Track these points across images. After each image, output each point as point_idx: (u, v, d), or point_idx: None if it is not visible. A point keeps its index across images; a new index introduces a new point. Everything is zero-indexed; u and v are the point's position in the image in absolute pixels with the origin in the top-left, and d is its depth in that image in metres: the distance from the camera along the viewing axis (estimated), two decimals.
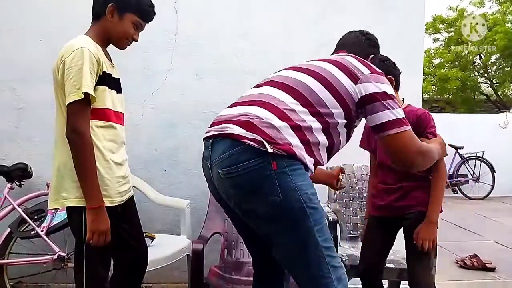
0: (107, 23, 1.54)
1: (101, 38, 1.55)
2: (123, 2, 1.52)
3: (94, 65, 1.42)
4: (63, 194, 1.46)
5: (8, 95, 2.69)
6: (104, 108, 1.50)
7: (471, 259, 3.46)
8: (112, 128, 1.54)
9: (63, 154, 1.46)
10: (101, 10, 1.54)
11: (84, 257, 1.50)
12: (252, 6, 2.79)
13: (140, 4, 1.54)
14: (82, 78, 1.38)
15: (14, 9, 2.67)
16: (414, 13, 2.88)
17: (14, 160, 2.59)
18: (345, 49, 1.61)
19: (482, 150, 6.88)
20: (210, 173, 1.33)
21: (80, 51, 1.40)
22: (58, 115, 1.50)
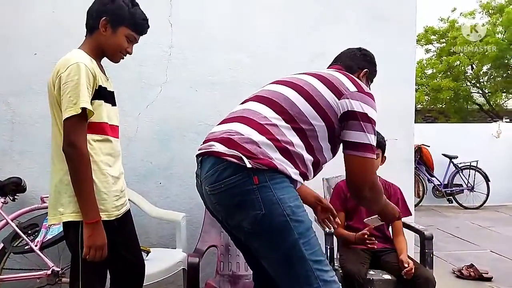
0: (100, 37, 1.54)
1: (95, 51, 1.55)
2: (116, 15, 1.52)
3: (90, 79, 1.43)
4: (60, 210, 1.46)
5: (2, 109, 2.68)
6: (101, 122, 1.50)
7: (467, 269, 3.46)
8: (108, 141, 1.54)
9: (59, 170, 1.46)
10: (94, 23, 1.54)
11: (80, 272, 1.48)
12: (246, 19, 2.82)
13: (133, 18, 1.55)
14: (79, 93, 1.38)
15: (9, 22, 2.68)
16: (406, 24, 2.93)
17: (7, 174, 2.57)
18: (339, 61, 1.64)
19: (476, 160, 6.92)
20: (201, 189, 1.38)
21: (76, 66, 1.40)
22: (53, 131, 1.50)
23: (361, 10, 2.90)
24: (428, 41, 13.52)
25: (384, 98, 2.88)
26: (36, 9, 2.68)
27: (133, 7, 1.55)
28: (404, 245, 2.20)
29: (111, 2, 1.52)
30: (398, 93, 2.90)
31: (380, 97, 2.84)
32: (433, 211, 6.57)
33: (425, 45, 13.62)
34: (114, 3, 1.52)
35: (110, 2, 1.52)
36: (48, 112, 1.46)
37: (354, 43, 2.89)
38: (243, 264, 2.46)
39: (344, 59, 1.65)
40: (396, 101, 2.89)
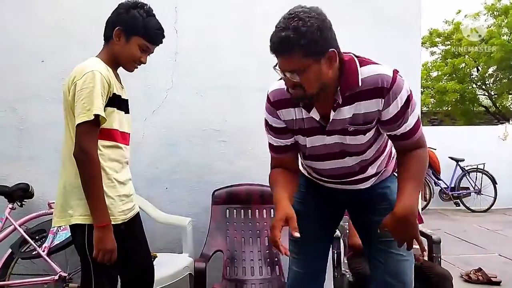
0: (115, 46, 1.58)
1: (111, 60, 1.58)
2: (130, 25, 1.55)
3: (105, 87, 1.46)
4: (69, 212, 1.48)
5: (10, 115, 2.70)
6: (111, 129, 1.54)
7: (475, 273, 3.43)
8: (117, 148, 1.57)
9: (70, 173, 1.49)
10: (109, 33, 1.58)
11: (91, 275, 1.51)
12: (251, 23, 2.83)
13: (146, 28, 1.57)
14: (93, 100, 1.41)
15: (16, 30, 2.71)
16: (411, 27, 2.92)
17: (15, 180, 2.59)
18: None
19: (483, 162, 6.87)
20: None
21: (92, 74, 1.44)
22: (66, 136, 1.54)
23: (365, 13, 2.90)
24: (433, 44, 13.48)
25: None
26: (44, 17, 2.71)
27: (147, 17, 1.58)
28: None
29: (125, 12, 1.56)
30: None
31: None
32: (440, 215, 6.53)
33: (429, 47, 13.58)
34: (128, 13, 1.56)
35: (125, 12, 1.56)
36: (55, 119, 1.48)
37: (359, 46, 2.88)
38: (249, 269, 2.46)
39: None
40: None
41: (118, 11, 1.59)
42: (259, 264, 2.48)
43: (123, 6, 1.58)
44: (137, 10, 1.56)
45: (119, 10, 1.58)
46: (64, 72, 2.71)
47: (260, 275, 2.44)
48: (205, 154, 2.75)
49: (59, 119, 2.66)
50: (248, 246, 2.55)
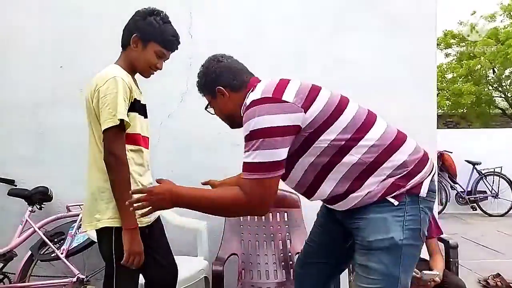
0: (132, 53, 1.61)
1: (128, 66, 1.61)
2: (146, 32, 1.58)
3: (127, 93, 1.50)
4: (97, 216, 1.52)
5: (29, 120, 2.77)
6: (134, 133, 1.57)
7: (494, 279, 3.36)
8: (140, 152, 1.61)
9: (96, 179, 1.53)
10: (126, 40, 1.61)
11: (114, 278, 1.53)
12: (265, 27, 2.85)
13: (163, 34, 1.60)
14: (117, 106, 1.45)
15: (36, 36, 2.78)
16: (426, 29, 2.90)
17: (34, 183, 2.65)
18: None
19: (500, 166, 6.75)
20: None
21: (114, 80, 1.48)
22: (91, 142, 1.58)
23: (379, 16, 2.89)
24: (448, 45, 13.34)
25: (404, 104, 2.87)
26: (63, 24, 2.77)
27: (163, 24, 1.60)
28: (441, 266, 2.09)
29: (142, 20, 1.59)
30: (419, 99, 2.87)
31: (400, 104, 2.85)
32: (456, 219, 6.42)
33: (444, 49, 13.43)
34: (145, 20, 1.58)
35: (142, 19, 1.59)
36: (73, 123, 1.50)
37: (374, 49, 2.91)
38: (264, 273, 2.46)
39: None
40: (417, 107, 2.86)
41: (135, 18, 1.62)
42: (274, 268, 2.48)
43: (140, 14, 1.61)
44: (154, 17, 1.59)
45: (136, 17, 1.61)
46: (82, 78, 2.77)
47: (275, 278, 2.44)
48: (219, 158, 2.77)
49: (77, 123, 2.73)
50: (263, 250, 2.55)
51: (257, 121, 1.17)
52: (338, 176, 1.25)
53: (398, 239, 1.20)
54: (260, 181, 1.18)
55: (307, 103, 1.22)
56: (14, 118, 2.77)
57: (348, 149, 1.22)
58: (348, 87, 2.87)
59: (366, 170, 1.23)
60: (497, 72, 12.67)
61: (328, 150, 1.23)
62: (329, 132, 1.22)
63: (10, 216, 2.68)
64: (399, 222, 1.21)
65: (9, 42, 2.79)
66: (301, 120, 1.20)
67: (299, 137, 1.22)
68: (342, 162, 1.23)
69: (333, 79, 2.85)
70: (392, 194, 1.21)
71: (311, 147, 1.23)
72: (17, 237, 2.57)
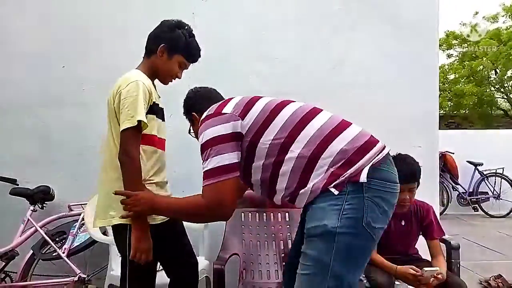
0: (156, 60, 1.69)
1: (150, 72, 1.69)
2: (174, 44, 1.67)
3: (146, 96, 1.57)
4: (111, 213, 1.57)
5: (31, 120, 2.78)
6: (151, 135, 1.64)
7: (495, 280, 3.36)
8: (155, 153, 1.67)
9: (111, 178, 1.58)
10: (152, 48, 1.69)
11: (128, 272, 1.60)
12: (267, 28, 2.85)
13: (189, 47, 1.70)
14: (136, 108, 1.51)
15: (38, 37, 2.79)
16: (428, 30, 2.90)
17: (37, 183, 2.66)
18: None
19: (502, 167, 6.73)
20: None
21: (135, 83, 1.55)
22: (109, 142, 1.62)
23: (381, 17, 2.89)
24: (450, 46, 13.32)
25: (406, 105, 2.87)
26: (65, 24, 2.78)
27: (189, 38, 1.71)
28: (444, 267, 2.08)
29: (170, 31, 1.68)
30: (421, 100, 2.87)
31: (402, 104, 2.85)
32: (458, 220, 6.41)
33: (446, 50, 13.42)
34: (173, 32, 1.68)
35: (170, 31, 1.68)
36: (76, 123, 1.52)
37: (375, 50, 2.91)
38: (266, 273, 2.46)
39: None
40: (419, 107, 2.86)
41: (162, 28, 1.70)
42: (275, 268, 2.48)
43: (168, 25, 1.70)
44: (181, 31, 1.69)
45: (164, 28, 1.70)
46: (84, 78, 2.79)
47: (276, 278, 2.43)
48: None
49: (79, 123, 2.75)
50: (264, 250, 2.55)
51: (204, 134, 1.31)
52: (286, 174, 1.29)
53: (331, 226, 1.18)
54: (214, 186, 1.27)
55: (244, 111, 1.33)
56: (16, 118, 2.78)
57: (288, 146, 1.28)
58: (349, 88, 2.89)
59: (308, 164, 1.25)
60: (499, 73, 12.64)
61: (271, 150, 1.29)
62: (267, 133, 1.30)
63: (12, 215, 2.68)
64: (336, 211, 1.19)
65: (10, 42, 2.80)
66: (240, 127, 1.31)
67: (244, 143, 1.32)
68: (285, 160, 1.27)
69: (335, 79, 2.86)
70: (332, 184, 1.21)
71: (256, 151, 1.31)
72: (18, 236, 2.58)
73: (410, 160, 2.13)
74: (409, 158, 2.14)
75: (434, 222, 2.23)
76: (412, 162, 2.13)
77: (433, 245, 2.20)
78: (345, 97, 2.80)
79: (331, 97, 2.78)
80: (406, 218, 2.23)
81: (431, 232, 2.20)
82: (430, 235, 2.21)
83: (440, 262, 2.12)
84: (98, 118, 2.70)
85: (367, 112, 2.82)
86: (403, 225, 2.22)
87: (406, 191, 2.11)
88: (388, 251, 2.19)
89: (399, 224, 2.22)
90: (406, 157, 2.15)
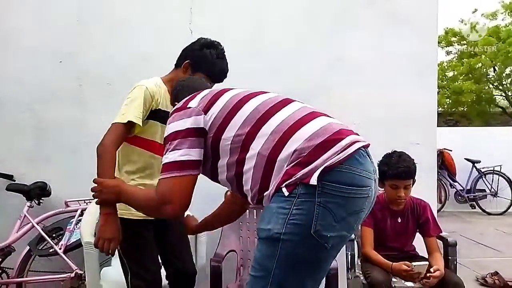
0: (180, 74, 1.72)
1: (171, 83, 1.68)
2: (199, 62, 1.71)
3: (147, 100, 1.61)
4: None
5: (28, 115, 2.76)
6: (152, 140, 1.69)
7: (492, 277, 3.37)
8: (152, 158, 1.70)
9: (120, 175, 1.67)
10: (180, 61, 1.75)
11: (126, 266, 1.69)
12: (265, 24, 2.83)
13: (213, 68, 1.73)
14: (131, 108, 1.57)
15: (35, 31, 2.76)
16: (427, 27, 2.89)
17: (33, 179, 2.64)
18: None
19: (500, 164, 6.75)
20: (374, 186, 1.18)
21: (139, 87, 1.62)
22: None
23: (380, 13, 2.87)
24: (449, 43, 13.31)
25: (405, 102, 2.86)
26: (62, 20, 2.76)
27: (216, 59, 1.73)
28: (441, 264, 2.07)
29: (198, 50, 1.73)
30: (419, 97, 2.86)
31: (401, 101, 2.84)
32: (455, 217, 6.43)
33: (445, 47, 13.41)
34: (201, 51, 1.72)
35: (198, 49, 1.73)
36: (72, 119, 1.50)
37: (374, 47, 2.90)
38: None
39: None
40: (418, 104, 2.85)
41: (194, 46, 1.75)
42: None
43: (199, 43, 1.75)
44: (210, 50, 1.72)
45: (195, 45, 1.75)
46: (81, 73, 2.77)
47: None
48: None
49: (76, 118, 2.73)
50: None
51: (167, 128, 1.26)
52: (249, 173, 1.18)
53: (275, 231, 1.07)
54: (166, 180, 1.19)
55: (207, 106, 1.25)
56: (13, 113, 2.75)
57: (249, 143, 1.17)
58: (348, 85, 2.88)
59: (267, 165, 1.13)
60: (497, 71, 12.66)
61: (233, 148, 1.20)
62: (229, 129, 1.21)
63: (8, 211, 2.67)
64: (283, 215, 1.06)
65: (7, 38, 2.77)
66: (203, 122, 1.23)
67: (208, 139, 1.24)
68: (247, 158, 1.17)
69: (334, 77, 2.85)
70: (284, 183, 1.08)
71: (219, 148, 1.23)
72: (15, 232, 2.57)
73: (405, 157, 2.13)
74: (404, 155, 2.14)
75: (430, 219, 2.23)
76: (407, 159, 2.13)
77: (430, 242, 2.20)
78: (343, 95, 2.79)
79: (329, 95, 2.77)
80: (402, 215, 2.23)
81: (428, 229, 2.21)
82: (427, 232, 2.21)
83: (437, 259, 2.12)
84: (95, 114, 2.71)
85: (365, 110, 2.81)
86: (400, 222, 2.23)
87: (402, 188, 2.12)
88: (385, 248, 2.20)
89: (396, 221, 2.23)
90: (401, 154, 2.14)
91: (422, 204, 2.26)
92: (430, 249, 2.20)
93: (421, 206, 2.25)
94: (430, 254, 2.19)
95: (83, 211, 2.49)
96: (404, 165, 2.08)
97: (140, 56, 2.69)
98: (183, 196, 1.21)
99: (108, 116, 1.68)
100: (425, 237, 2.22)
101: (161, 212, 1.24)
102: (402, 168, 2.08)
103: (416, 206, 2.24)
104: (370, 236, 2.17)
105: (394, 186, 2.13)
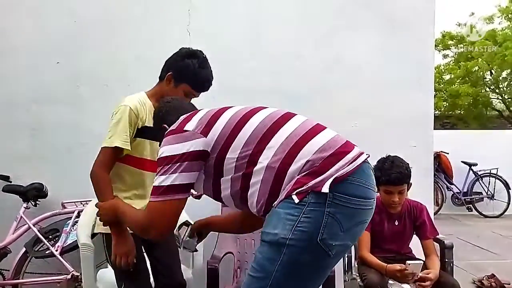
0: (164, 87, 1.72)
1: (156, 97, 1.71)
2: (181, 72, 1.69)
3: (132, 120, 1.62)
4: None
5: (24, 116, 2.75)
6: (140, 158, 1.70)
7: (488, 279, 3.38)
8: (141, 175, 1.72)
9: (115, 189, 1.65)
10: (163, 74, 1.73)
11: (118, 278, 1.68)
12: (263, 26, 2.84)
13: (195, 78, 1.69)
14: (116, 131, 1.58)
15: (33, 32, 2.76)
16: (424, 30, 2.90)
17: (30, 180, 2.63)
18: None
19: (496, 167, 6.77)
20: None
21: (123, 108, 1.62)
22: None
23: (378, 16, 2.89)
24: (446, 46, 13.37)
25: (402, 105, 2.87)
26: (60, 21, 2.76)
27: (198, 68, 1.69)
28: (437, 266, 2.08)
29: (180, 60, 1.70)
30: (416, 100, 2.87)
31: (398, 104, 2.85)
32: (452, 220, 6.44)
33: (442, 50, 13.46)
34: (183, 61, 1.69)
35: (180, 59, 1.70)
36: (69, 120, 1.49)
37: (371, 50, 2.91)
38: None
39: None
40: (415, 107, 2.87)
41: (175, 56, 1.72)
42: None
43: (180, 53, 1.72)
44: (191, 60, 1.68)
45: (177, 56, 1.72)
46: (78, 74, 2.77)
47: None
48: None
49: (73, 120, 2.73)
50: None
51: (161, 151, 1.24)
52: (256, 186, 1.19)
53: (281, 236, 1.09)
54: (154, 204, 1.21)
55: (206, 128, 1.24)
56: (10, 114, 2.75)
57: (256, 157, 1.18)
58: (345, 87, 2.89)
59: (277, 176, 1.15)
60: (494, 74, 12.71)
61: (240, 164, 1.21)
62: (234, 148, 1.21)
63: (4, 213, 2.65)
64: (291, 221, 1.09)
65: (3, 37, 2.77)
66: (204, 145, 1.22)
67: (211, 160, 1.24)
68: (254, 171, 1.18)
69: (331, 79, 2.86)
70: (295, 191, 1.11)
71: (223, 166, 1.23)
72: (11, 233, 2.56)
73: (398, 162, 2.12)
74: (398, 160, 2.13)
75: (427, 222, 2.23)
76: (400, 164, 2.11)
77: (427, 245, 2.20)
78: (340, 97, 2.79)
79: (327, 97, 2.78)
80: (399, 218, 2.23)
81: (425, 232, 2.21)
82: (424, 234, 2.21)
83: (433, 262, 2.12)
84: (91, 115, 2.70)
85: (362, 112, 2.82)
86: (397, 225, 2.23)
87: (396, 193, 2.12)
88: (382, 250, 2.20)
89: (393, 224, 2.23)
90: (394, 159, 2.13)
91: (419, 207, 2.26)
92: (427, 252, 2.20)
93: (418, 208, 2.25)
94: (427, 257, 2.19)
95: (79, 213, 2.48)
96: (397, 171, 2.08)
97: (137, 57, 2.69)
98: (167, 221, 1.24)
99: (105, 117, 1.68)
100: (422, 240, 2.22)
101: (147, 234, 1.31)
102: (394, 174, 2.07)
103: (413, 209, 2.25)
104: (367, 239, 2.17)
105: (388, 191, 2.13)
